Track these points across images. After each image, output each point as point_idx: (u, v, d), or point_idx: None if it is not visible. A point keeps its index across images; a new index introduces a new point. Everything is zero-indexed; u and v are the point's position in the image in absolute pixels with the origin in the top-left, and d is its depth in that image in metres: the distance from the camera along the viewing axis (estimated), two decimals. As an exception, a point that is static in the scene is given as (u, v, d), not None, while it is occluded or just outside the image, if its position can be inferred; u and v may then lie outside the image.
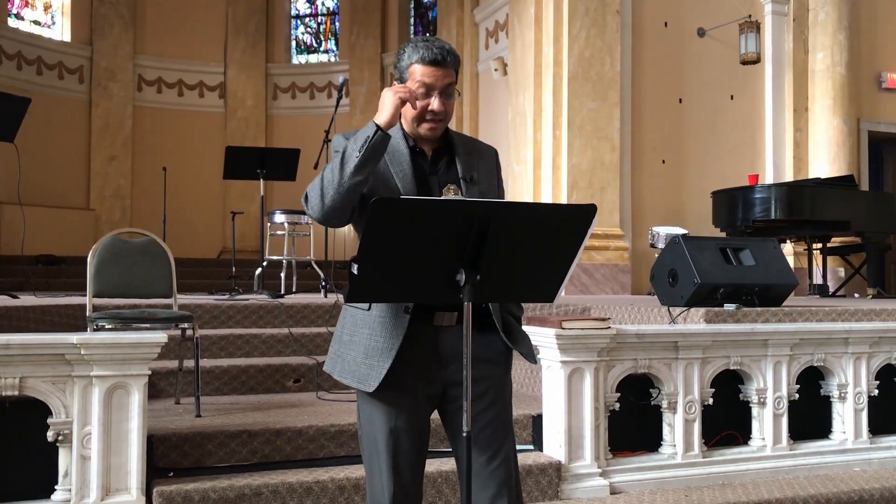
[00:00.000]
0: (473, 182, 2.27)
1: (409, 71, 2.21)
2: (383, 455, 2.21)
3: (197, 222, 13.63)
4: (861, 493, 3.90)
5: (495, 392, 2.28)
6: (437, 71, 2.19)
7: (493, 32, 10.99)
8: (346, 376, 2.24)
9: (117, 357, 3.13)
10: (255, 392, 4.60)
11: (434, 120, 2.22)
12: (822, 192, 8.08)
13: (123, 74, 13.94)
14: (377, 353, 2.17)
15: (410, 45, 2.23)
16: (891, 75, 10.47)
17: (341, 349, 2.27)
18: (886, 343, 4.52)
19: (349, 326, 2.26)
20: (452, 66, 2.22)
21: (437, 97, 2.20)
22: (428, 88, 2.19)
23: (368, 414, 2.25)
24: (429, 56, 2.18)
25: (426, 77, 2.18)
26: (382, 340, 2.17)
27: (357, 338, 2.22)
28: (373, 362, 2.17)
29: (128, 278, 4.29)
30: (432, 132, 2.24)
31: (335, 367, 2.28)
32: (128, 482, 3.13)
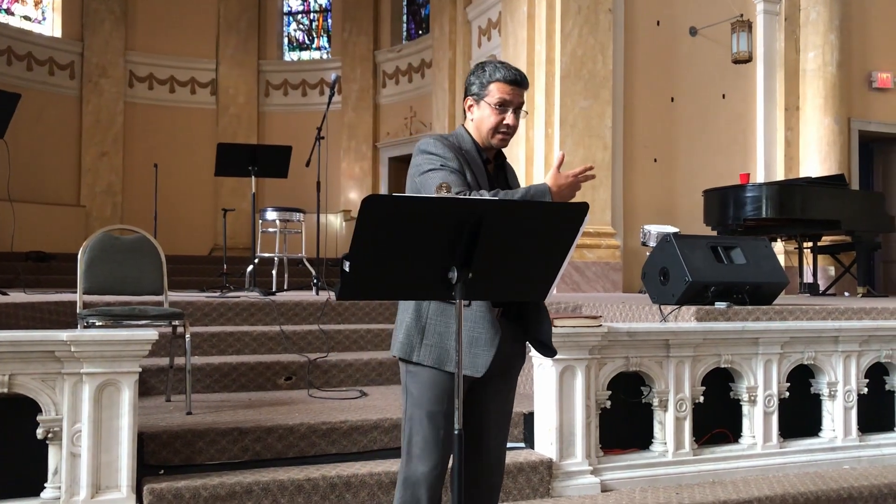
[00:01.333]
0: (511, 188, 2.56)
1: (490, 87, 2.47)
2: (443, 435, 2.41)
3: (188, 219, 13.59)
4: (850, 491, 3.92)
5: (516, 381, 2.63)
6: (515, 90, 2.48)
7: (486, 30, 10.99)
8: (447, 365, 2.38)
9: (108, 354, 3.12)
10: (247, 389, 4.59)
11: (507, 133, 2.49)
12: (813, 191, 8.11)
13: (114, 70, 13.88)
14: (478, 343, 2.35)
15: (491, 64, 2.51)
16: (881, 75, 10.51)
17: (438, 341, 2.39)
18: (876, 341, 4.54)
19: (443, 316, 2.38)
20: (526, 87, 2.52)
21: (513, 113, 2.48)
22: (506, 105, 2.46)
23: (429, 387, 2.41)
24: (510, 76, 2.47)
25: (506, 94, 2.46)
26: (480, 332, 2.36)
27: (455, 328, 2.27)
28: (477, 350, 2.35)
29: (118, 275, 4.27)
30: (503, 143, 2.52)
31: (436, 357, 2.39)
32: (118, 480, 3.12)
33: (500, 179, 2.58)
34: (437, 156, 2.42)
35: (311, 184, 7.04)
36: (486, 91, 2.48)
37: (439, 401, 2.41)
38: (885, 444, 4.53)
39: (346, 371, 4.80)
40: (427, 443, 2.41)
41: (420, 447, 2.42)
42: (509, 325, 2.45)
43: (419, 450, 2.43)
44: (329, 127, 7.33)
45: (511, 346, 2.47)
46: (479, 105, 2.51)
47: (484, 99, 2.49)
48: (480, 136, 2.52)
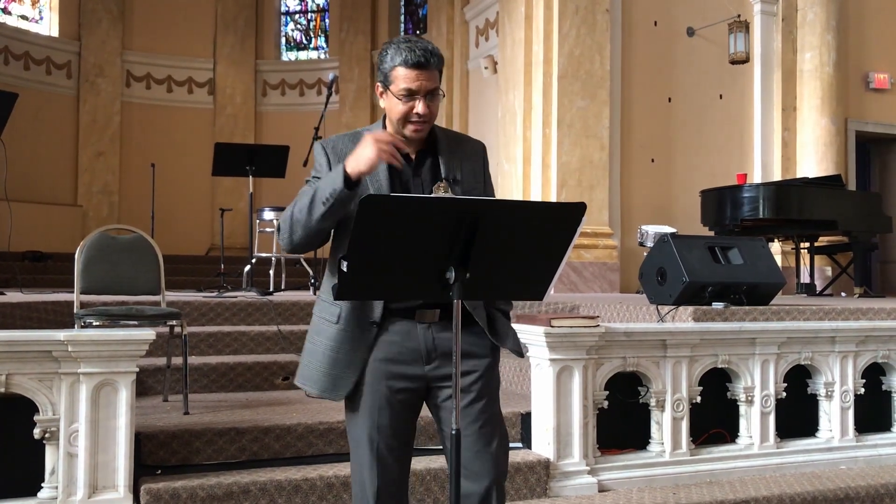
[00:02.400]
0: (456, 182, 2.28)
1: (392, 74, 2.18)
2: (366, 453, 2.26)
3: (185, 219, 13.57)
4: (847, 491, 3.92)
5: (480, 385, 2.29)
6: (420, 74, 2.16)
7: (484, 30, 10.99)
8: (307, 384, 2.31)
9: (105, 354, 3.12)
10: (244, 389, 4.59)
11: (419, 122, 2.20)
12: (810, 191, 8.12)
13: (112, 70, 13.86)
14: (343, 366, 2.24)
15: (393, 46, 2.20)
16: (878, 75, 10.53)
17: (305, 357, 2.33)
18: (873, 342, 4.55)
19: (313, 335, 2.32)
20: (436, 67, 2.19)
21: (422, 100, 2.18)
22: (411, 93, 2.17)
23: (352, 414, 2.30)
24: (412, 59, 2.15)
25: (409, 82, 2.16)
26: (344, 354, 2.23)
27: (321, 347, 2.28)
28: (339, 373, 2.24)
29: (115, 275, 4.26)
30: (417, 134, 2.23)
31: (299, 373, 2.35)
32: (115, 480, 3.12)
33: (423, 171, 2.27)
34: (316, 163, 2.28)
35: (309, 184, 7.02)
36: (390, 78, 2.19)
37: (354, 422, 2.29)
38: (882, 445, 4.53)
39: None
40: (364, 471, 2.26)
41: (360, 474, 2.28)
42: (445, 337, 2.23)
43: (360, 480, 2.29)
44: (327, 127, 7.31)
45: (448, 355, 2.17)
46: (387, 94, 2.22)
47: (389, 87, 2.20)
48: (392, 126, 2.25)
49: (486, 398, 2.30)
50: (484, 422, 2.28)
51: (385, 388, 2.25)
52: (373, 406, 2.25)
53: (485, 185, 2.41)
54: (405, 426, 2.31)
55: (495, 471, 2.28)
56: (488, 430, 2.29)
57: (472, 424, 2.25)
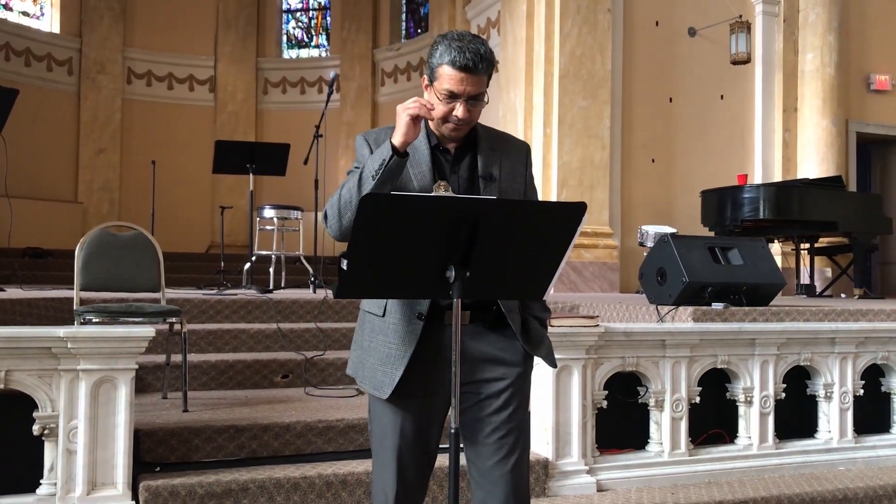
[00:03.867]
0: (493, 179, 2.23)
1: (438, 71, 2.13)
2: (390, 455, 2.23)
3: (185, 216, 13.58)
4: (845, 492, 3.92)
5: (509, 394, 2.23)
6: (467, 77, 2.10)
7: (485, 29, 10.98)
8: (365, 382, 2.27)
9: (104, 351, 3.12)
10: (243, 387, 4.59)
11: (458, 124, 2.16)
12: (811, 192, 8.12)
13: (113, 67, 13.86)
14: (391, 361, 2.18)
15: (445, 42, 2.13)
16: (879, 77, 10.53)
17: (363, 355, 2.29)
18: (872, 343, 4.55)
19: (367, 332, 2.28)
20: (485, 72, 2.13)
21: (463, 104, 2.12)
22: (454, 96, 2.12)
23: (379, 415, 2.27)
24: (460, 60, 2.08)
25: (454, 84, 2.10)
26: (395, 348, 2.18)
27: (374, 344, 2.25)
28: (387, 369, 2.19)
29: (115, 272, 4.26)
30: (453, 134, 2.20)
31: (357, 372, 2.31)
32: (114, 477, 3.12)
33: (461, 168, 2.24)
34: (358, 154, 2.25)
35: (309, 182, 7.04)
36: (435, 75, 2.14)
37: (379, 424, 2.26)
38: (881, 446, 4.54)
39: (343, 369, 4.78)
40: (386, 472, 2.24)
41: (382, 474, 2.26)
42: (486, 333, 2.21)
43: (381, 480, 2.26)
44: (327, 125, 7.32)
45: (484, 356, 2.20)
46: (430, 89, 2.17)
47: (434, 83, 2.15)
48: (433, 123, 2.20)
49: (512, 407, 2.23)
50: (507, 432, 2.22)
51: (418, 391, 2.21)
52: (401, 409, 2.22)
53: (525, 185, 2.35)
54: (430, 432, 2.28)
55: (512, 485, 2.21)
56: (510, 441, 2.22)
57: (493, 433, 2.21)
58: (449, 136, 2.21)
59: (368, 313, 2.28)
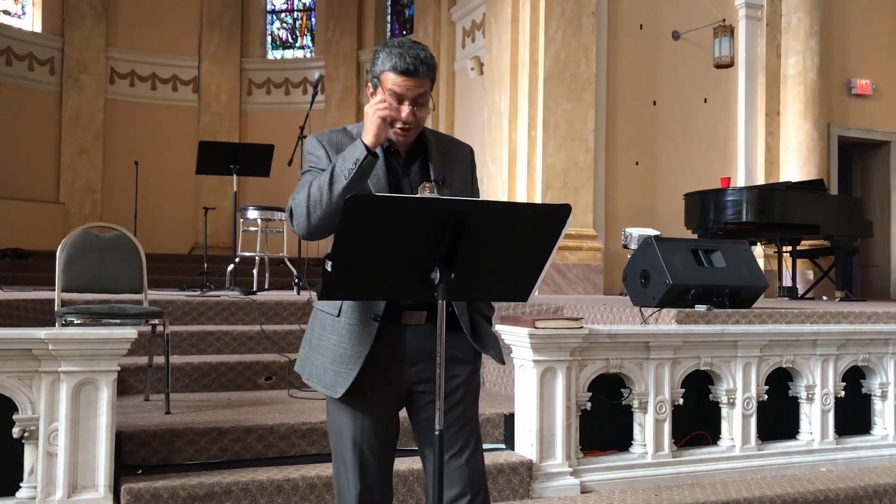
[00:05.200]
0: (445, 185, 2.26)
1: (381, 77, 2.18)
2: (349, 455, 2.24)
3: (169, 217, 13.50)
4: (826, 493, 3.95)
5: (463, 391, 2.29)
6: (408, 81, 2.14)
7: (470, 32, 11.00)
8: (313, 380, 2.28)
9: (86, 353, 3.09)
10: (226, 389, 4.57)
11: (405, 128, 2.19)
12: (793, 195, 8.18)
13: (95, 67, 13.76)
14: (345, 360, 2.20)
15: (385, 49, 2.18)
16: (860, 81, 10.63)
17: (311, 353, 2.31)
18: (853, 345, 4.59)
19: (318, 330, 2.30)
20: (426, 75, 2.17)
21: (408, 108, 2.16)
22: (398, 98, 2.15)
23: (335, 415, 2.28)
24: (401, 65, 2.13)
25: (396, 87, 2.14)
26: (350, 347, 2.20)
27: (325, 342, 2.25)
28: (340, 368, 2.20)
29: (97, 273, 4.23)
30: (402, 138, 2.22)
31: (304, 369, 2.33)
32: (95, 480, 3.09)
33: (412, 172, 2.27)
34: (311, 156, 2.27)
35: (293, 183, 6.95)
36: (378, 81, 2.19)
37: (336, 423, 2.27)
38: (861, 447, 4.57)
39: (327, 371, 4.78)
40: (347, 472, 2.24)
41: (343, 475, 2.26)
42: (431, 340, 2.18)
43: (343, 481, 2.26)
44: (312, 126, 7.28)
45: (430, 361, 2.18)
46: (376, 94, 2.21)
47: (378, 88, 2.20)
48: None
49: (465, 403, 2.29)
50: (461, 427, 2.27)
51: (374, 389, 2.23)
52: (358, 408, 2.24)
53: (472, 188, 2.42)
54: (387, 429, 2.30)
55: (467, 476, 2.25)
56: (463, 435, 2.27)
57: (448, 429, 2.20)
58: (397, 140, 2.23)
59: (322, 312, 2.29)
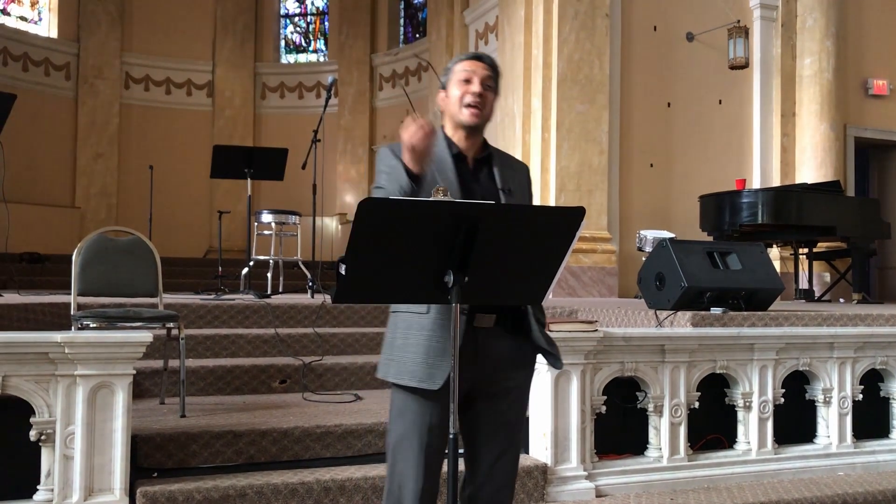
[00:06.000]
0: (511, 194, 2.38)
1: (453, 68, 2.40)
2: (417, 451, 2.27)
3: (183, 221, 13.57)
4: (844, 498, 3.91)
5: (515, 395, 2.39)
6: (474, 63, 2.37)
7: (483, 34, 11.00)
8: (403, 377, 2.28)
9: (102, 356, 3.10)
10: (241, 392, 4.58)
11: (475, 105, 2.33)
12: (809, 197, 8.13)
13: (111, 72, 13.87)
14: (438, 353, 2.24)
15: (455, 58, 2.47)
16: (877, 82, 10.55)
17: (396, 354, 2.31)
18: (871, 348, 4.55)
19: (402, 331, 2.31)
20: (492, 64, 2.40)
21: (477, 82, 2.34)
22: (467, 79, 2.34)
23: (408, 410, 2.30)
24: (469, 55, 2.42)
25: (464, 70, 2.37)
26: (442, 340, 2.24)
27: (413, 340, 2.27)
28: (435, 361, 2.24)
29: (113, 277, 4.25)
30: (474, 118, 2.34)
31: (388, 371, 2.32)
32: (111, 482, 3.10)
33: (481, 178, 2.38)
34: (385, 167, 2.30)
35: (307, 187, 7.03)
36: (450, 74, 2.41)
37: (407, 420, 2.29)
38: (880, 451, 4.53)
39: (341, 374, 4.79)
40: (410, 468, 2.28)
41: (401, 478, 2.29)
42: (505, 335, 2.32)
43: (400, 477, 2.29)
44: (325, 130, 7.31)
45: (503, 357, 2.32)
46: (448, 91, 2.41)
47: (450, 82, 2.40)
48: (453, 124, 2.39)
49: (514, 408, 2.40)
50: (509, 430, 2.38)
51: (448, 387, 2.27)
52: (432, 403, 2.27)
53: (529, 202, 2.56)
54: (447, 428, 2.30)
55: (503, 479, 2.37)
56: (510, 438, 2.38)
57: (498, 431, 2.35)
58: (468, 122, 2.34)
59: (406, 312, 2.30)
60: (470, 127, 2.36)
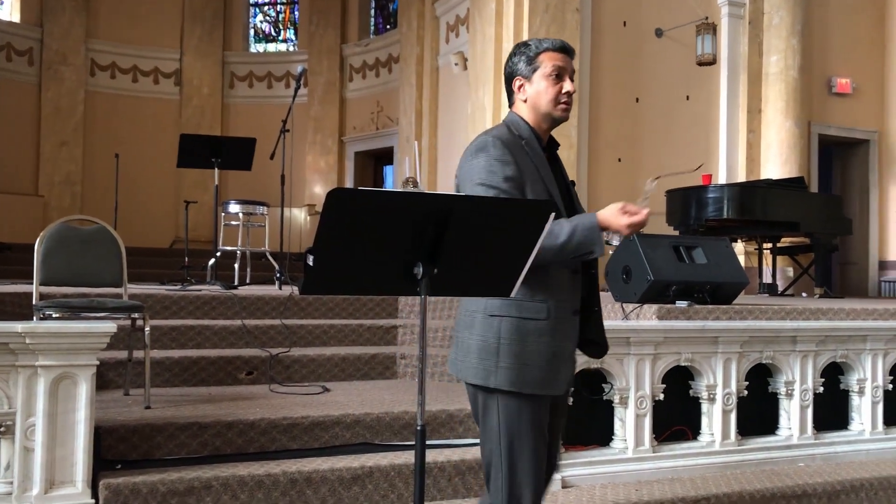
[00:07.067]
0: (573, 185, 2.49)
1: (539, 58, 2.37)
2: (530, 454, 2.29)
3: (149, 211, 13.41)
4: (805, 488, 3.99)
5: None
6: (564, 57, 2.39)
7: (454, 27, 10.98)
8: (526, 385, 2.26)
9: (64, 347, 3.06)
10: (207, 384, 4.54)
11: (568, 102, 2.38)
12: (774, 192, 8.24)
13: (75, 58, 13.62)
14: (562, 357, 2.30)
15: (532, 40, 2.43)
16: (841, 80, 10.71)
17: (504, 360, 2.25)
18: (832, 342, 4.63)
19: (516, 337, 2.26)
20: (573, 56, 2.44)
21: (569, 79, 2.38)
22: (559, 73, 2.36)
23: (521, 413, 2.28)
24: (558, 44, 2.39)
25: (559, 61, 2.37)
26: (562, 346, 2.30)
27: (532, 347, 2.26)
28: (558, 367, 2.29)
29: (76, 266, 4.19)
30: (565, 114, 2.40)
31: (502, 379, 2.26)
32: (73, 475, 3.06)
33: (557, 171, 2.44)
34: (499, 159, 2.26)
35: (276, 177, 6.98)
36: (535, 64, 2.37)
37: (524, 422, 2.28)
38: (839, 442, 4.62)
39: (309, 366, 4.77)
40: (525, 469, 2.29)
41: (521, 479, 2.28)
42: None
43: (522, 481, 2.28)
44: (294, 120, 7.26)
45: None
46: (531, 81, 2.38)
47: (536, 73, 2.37)
48: (538, 115, 2.40)
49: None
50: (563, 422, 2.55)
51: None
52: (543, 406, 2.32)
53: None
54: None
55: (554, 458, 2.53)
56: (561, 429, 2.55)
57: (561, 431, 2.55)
58: (560, 118, 2.40)
59: (524, 319, 2.26)
60: (557, 121, 2.42)
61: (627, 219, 2.18)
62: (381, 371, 4.95)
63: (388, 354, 5.00)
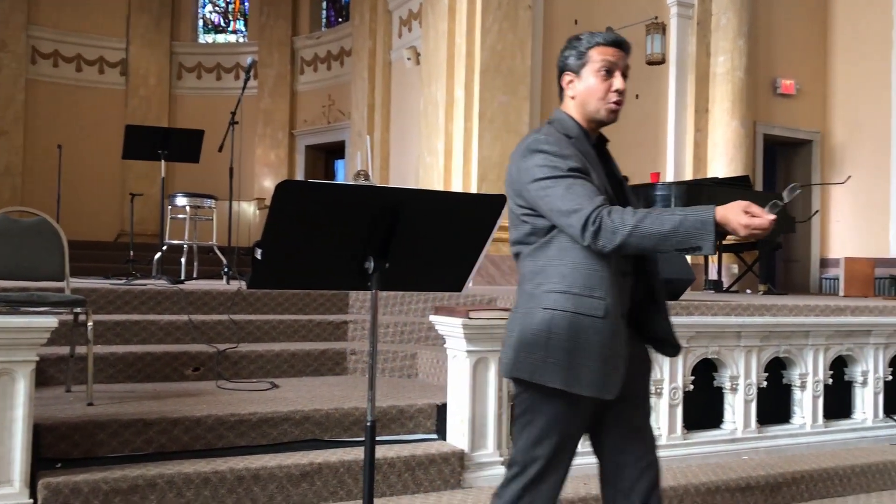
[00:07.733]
0: (626, 180, 2.41)
1: (590, 53, 2.26)
2: (565, 461, 2.28)
3: (93, 203, 13.11)
4: (748, 481, 4.07)
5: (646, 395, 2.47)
6: (618, 52, 2.27)
7: (407, 21, 10.94)
8: (575, 385, 2.15)
9: (2, 342, 2.96)
10: (152, 380, 4.45)
11: (618, 101, 2.28)
12: (720, 191, 8.39)
13: (15, 45, 13.24)
14: (617, 358, 2.16)
15: (584, 34, 2.30)
16: (785, 81, 10.96)
17: (553, 355, 2.15)
18: (775, 337, 4.73)
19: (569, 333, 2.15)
20: (629, 51, 2.31)
21: (620, 76, 2.27)
22: (610, 68, 2.25)
23: (568, 418, 2.22)
24: (610, 38, 2.27)
25: (610, 56, 2.25)
26: (618, 347, 2.17)
27: (586, 346, 2.14)
28: (611, 370, 2.15)
29: (16, 259, 4.07)
30: (613, 116, 2.31)
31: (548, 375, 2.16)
32: (10, 474, 2.97)
33: (608, 167, 2.38)
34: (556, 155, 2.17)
35: (224, 170, 6.87)
36: (585, 59, 2.27)
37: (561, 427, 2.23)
38: (782, 436, 4.73)
39: (257, 362, 4.71)
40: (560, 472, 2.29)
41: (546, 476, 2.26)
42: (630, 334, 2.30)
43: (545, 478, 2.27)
44: (244, 112, 7.16)
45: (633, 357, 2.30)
46: (581, 76, 2.28)
47: (585, 68, 2.27)
48: (586, 113, 2.31)
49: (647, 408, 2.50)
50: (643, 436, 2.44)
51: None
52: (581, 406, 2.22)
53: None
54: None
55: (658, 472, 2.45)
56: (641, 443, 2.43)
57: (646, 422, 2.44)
58: (607, 119, 2.31)
59: (582, 315, 2.14)
60: (603, 124, 2.33)
61: (747, 219, 2.03)
62: (331, 367, 4.91)
63: (339, 350, 4.97)
